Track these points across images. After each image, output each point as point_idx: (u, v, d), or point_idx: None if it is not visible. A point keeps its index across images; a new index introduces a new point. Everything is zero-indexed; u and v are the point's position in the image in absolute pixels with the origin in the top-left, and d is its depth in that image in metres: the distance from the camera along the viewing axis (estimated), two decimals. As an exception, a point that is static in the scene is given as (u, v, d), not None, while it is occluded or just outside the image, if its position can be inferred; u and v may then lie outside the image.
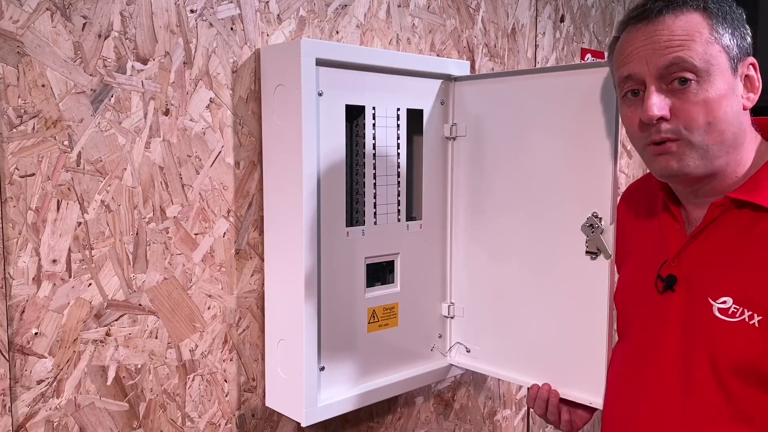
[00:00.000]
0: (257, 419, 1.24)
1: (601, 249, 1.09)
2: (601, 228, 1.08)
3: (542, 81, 1.17)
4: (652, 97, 0.85)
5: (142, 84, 1.04)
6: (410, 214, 1.31)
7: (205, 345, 1.15)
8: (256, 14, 1.16)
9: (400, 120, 1.25)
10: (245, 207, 1.18)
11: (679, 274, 0.93)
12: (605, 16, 1.94)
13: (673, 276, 0.94)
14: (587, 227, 1.10)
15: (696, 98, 0.84)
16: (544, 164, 1.17)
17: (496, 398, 1.74)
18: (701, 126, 0.85)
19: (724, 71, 0.85)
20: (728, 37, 0.86)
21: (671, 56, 0.85)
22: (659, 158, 0.88)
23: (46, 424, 0.99)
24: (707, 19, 0.85)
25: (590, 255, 1.10)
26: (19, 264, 0.95)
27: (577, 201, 1.12)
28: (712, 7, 0.86)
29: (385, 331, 1.26)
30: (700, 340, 0.89)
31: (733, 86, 0.86)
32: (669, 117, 0.85)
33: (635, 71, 0.88)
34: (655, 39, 0.86)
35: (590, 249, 1.10)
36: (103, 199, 1.02)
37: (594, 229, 1.09)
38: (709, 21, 0.85)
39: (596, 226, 1.09)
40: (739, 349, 0.85)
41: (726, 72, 0.85)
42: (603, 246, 1.08)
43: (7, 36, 0.91)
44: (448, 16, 1.48)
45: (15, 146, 0.93)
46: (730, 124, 0.85)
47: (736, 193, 0.88)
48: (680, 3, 0.86)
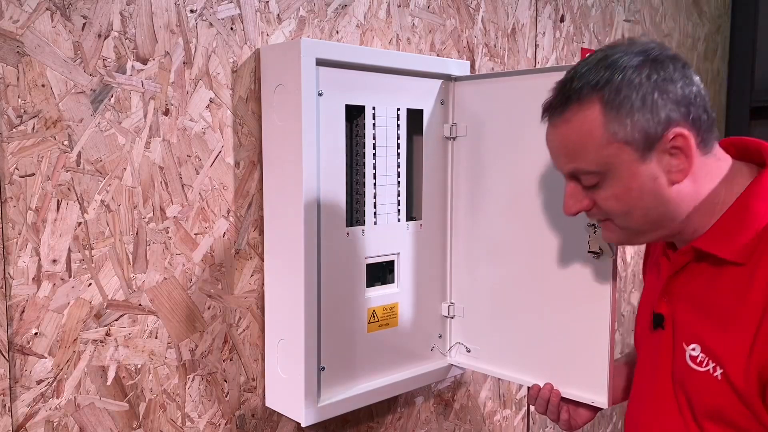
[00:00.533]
0: (257, 419, 1.24)
1: (603, 248, 1.09)
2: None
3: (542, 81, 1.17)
4: (566, 198, 0.88)
5: (142, 84, 1.04)
6: (410, 214, 1.31)
7: (205, 345, 1.15)
8: (256, 14, 1.16)
9: (400, 120, 1.25)
10: (245, 207, 1.18)
11: (665, 312, 0.92)
12: (605, 16, 1.94)
13: (660, 314, 0.93)
14: (589, 226, 1.10)
15: (606, 194, 0.84)
16: (545, 164, 1.17)
17: (496, 398, 1.74)
18: (619, 215, 0.85)
19: (629, 163, 0.81)
20: (629, 129, 0.79)
21: (569, 166, 0.85)
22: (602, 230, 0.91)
23: (46, 424, 0.99)
24: (602, 115, 0.80)
25: (593, 254, 1.10)
26: (19, 264, 0.95)
27: None
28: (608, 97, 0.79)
29: (385, 331, 1.26)
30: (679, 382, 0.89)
31: (646, 172, 0.81)
32: (590, 207, 0.87)
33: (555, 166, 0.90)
34: (554, 145, 0.86)
35: (593, 248, 1.10)
36: (103, 199, 1.02)
37: (597, 229, 1.09)
38: (604, 117, 0.79)
39: (598, 225, 1.09)
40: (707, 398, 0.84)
41: (633, 163, 0.80)
42: (605, 245, 1.09)
43: (7, 36, 0.91)
44: (448, 16, 1.48)
45: (15, 146, 0.93)
46: (651, 207, 0.83)
47: (699, 243, 0.85)
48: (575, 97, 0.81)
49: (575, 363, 1.14)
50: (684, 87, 0.79)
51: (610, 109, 0.79)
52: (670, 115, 0.79)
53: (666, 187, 0.82)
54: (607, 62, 0.80)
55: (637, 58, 0.79)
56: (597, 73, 0.80)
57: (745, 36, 2.58)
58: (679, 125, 0.79)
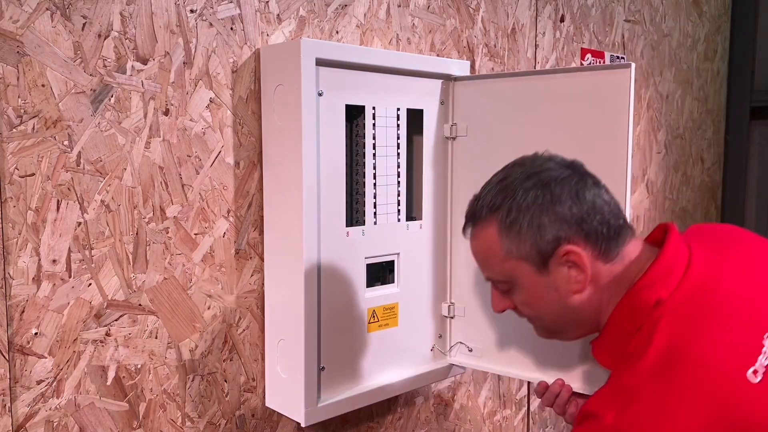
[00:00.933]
0: (257, 419, 1.24)
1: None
2: None
3: (542, 82, 1.18)
4: (492, 298, 0.96)
5: (142, 84, 1.04)
6: (410, 214, 1.31)
7: (205, 345, 1.15)
8: (256, 14, 1.16)
9: (400, 120, 1.25)
10: (245, 207, 1.18)
11: None
12: (605, 16, 1.94)
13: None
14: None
15: (517, 299, 0.92)
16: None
17: (496, 398, 1.74)
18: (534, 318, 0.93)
19: (528, 276, 0.88)
20: (524, 247, 0.86)
21: (484, 275, 0.94)
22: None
23: (46, 424, 0.99)
24: (498, 235, 0.87)
25: None
26: (19, 264, 0.95)
27: None
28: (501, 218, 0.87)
29: (385, 331, 1.26)
30: None
31: (548, 284, 0.87)
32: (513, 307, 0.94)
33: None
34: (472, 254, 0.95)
35: None
36: (103, 199, 1.02)
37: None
38: (500, 237, 0.87)
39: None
40: None
41: (532, 276, 0.87)
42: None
43: (7, 36, 0.91)
44: (448, 16, 1.48)
45: (15, 146, 0.93)
46: (557, 314, 0.89)
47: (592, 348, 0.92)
48: (478, 218, 0.90)
49: (580, 357, 1.14)
50: (573, 206, 0.85)
51: (504, 229, 0.87)
52: (559, 233, 0.85)
53: (568, 296, 0.87)
54: (503, 184, 0.89)
55: (529, 182, 0.87)
56: (494, 197, 0.89)
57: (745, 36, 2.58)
58: (571, 242, 0.85)
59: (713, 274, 0.83)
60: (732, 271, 0.84)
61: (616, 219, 0.86)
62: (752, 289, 0.82)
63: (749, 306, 0.80)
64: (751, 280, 0.83)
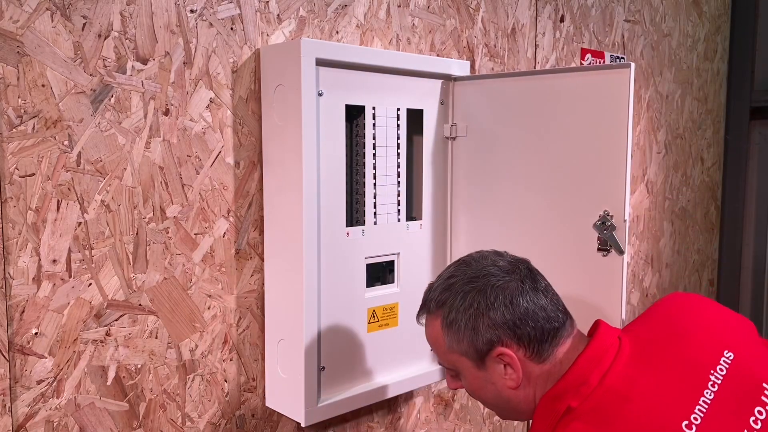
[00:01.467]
0: (257, 419, 1.24)
1: (613, 246, 1.09)
2: (613, 226, 1.09)
3: (542, 82, 1.18)
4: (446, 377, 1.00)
5: (142, 84, 1.04)
6: (410, 214, 1.31)
7: (205, 345, 1.15)
8: (256, 14, 1.16)
9: (400, 120, 1.25)
10: (245, 207, 1.18)
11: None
12: (605, 16, 1.94)
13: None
14: (599, 225, 1.10)
15: (464, 384, 0.97)
16: (545, 164, 1.17)
17: (496, 398, 1.74)
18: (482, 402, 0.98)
19: (469, 369, 0.93)
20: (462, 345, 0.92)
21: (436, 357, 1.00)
22: None
23: (46, 424, 0.99)
24: (442, 330, 0.94)
25: (602, 252, 1.11)
26: (19, 264, 0.95)
27: (581, 200, 1.12)
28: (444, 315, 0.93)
29: (385, 331, 1.26)
30: None
31: (486, 378, 0.93)
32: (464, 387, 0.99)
33: None
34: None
35: (602, 246, 1.11)
36: (103, 199, 1.02)
37: (606, 227, 1.09)
38: (443, 332, 0.94)
39: (608, 223, 1.10)
40: None
41: (471, 369, 0.93)
42: (615, 243, 1.09)
43: (7, 36, 0.91)
44: (448, 16, 1.48)
45: (15, 146, 0.93)
46: (499, 404, 0.95)
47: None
48: (428, 310, 0.97)
49: None
50: (506, 313, 0.90)
51: (446, 326, 0.93)
52: (492, 337, 0.90)
53: (504, 390, 0.93)
54: (448, 283, 0.95)
55: (469, 285, 0.92)
56: (441, 294, 0.95)
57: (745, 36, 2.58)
58: (504, 344, 0.90)
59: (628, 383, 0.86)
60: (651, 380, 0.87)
61: (550, 323, 0.91)
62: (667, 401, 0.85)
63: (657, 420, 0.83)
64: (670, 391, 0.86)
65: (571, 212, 1.15)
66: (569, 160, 1.14)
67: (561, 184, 1.16)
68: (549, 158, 1.17)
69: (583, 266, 1.14)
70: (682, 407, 0.83)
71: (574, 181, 1.13)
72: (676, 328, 0.95)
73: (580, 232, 1.13)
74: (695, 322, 0.96)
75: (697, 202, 2.51)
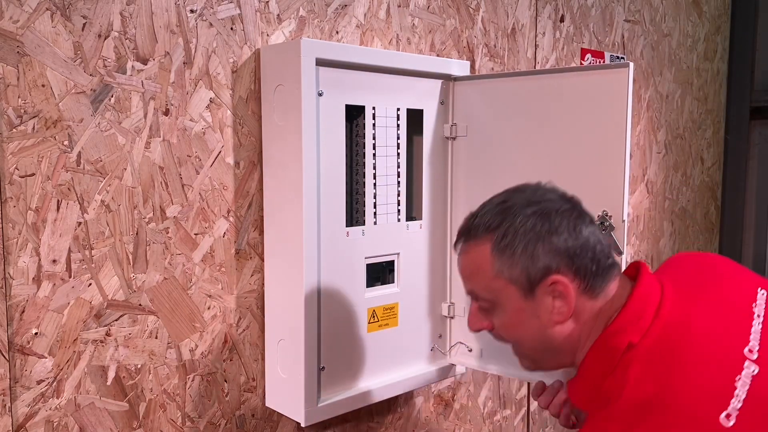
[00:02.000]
0: (257, 419, 1.24)
1: (612, 246, 1.09)
2: (612, 226, 1.09)
3: (542, 81, 1.18)
4: (469, 315, 0.95)
5: (142, 84, 1.04)
6: (410, 214, 1.31)
7: (205, 345, 1.15)
8: (256, 14, 1.16)
9: (400, 120, 1.25)
10: (245, 207, 1.18)
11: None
12: (605, 16, 1.94)
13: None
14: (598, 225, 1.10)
15: (498, 321, 0.91)
16: (545, 164, 1.17)
17: (496, 398, 1.74)
18: (512, 343, 0.93)
19: (514, 300, 0.88)
20: (514, 270, 0.87)
21: (467, 289, 0.94)
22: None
23: (46, 424, 0.99)
24: (491, 254, 0.88)
25: None
26: (19, 264, 0.95)
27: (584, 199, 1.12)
28: (497, 239, 0.88)
29: (385, 331, 1.26)
30: None
31: (531, 310, 0.88)
32: (491, 328, 0.93)
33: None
34: (459, 270, 0.95)
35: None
36: (103, 199, 1.02)
37: (605, 227, 1.09)
38: (493, 256, 0.88)
39: (607, 223, 1.09)
40: None
41: (517, 300, 0.88)
42: (614, 242, 1.09)
43: (7, 36, 0.91)
44: (448, 16, 1.48)
45: (15, 146, 0.93)
46: (538, 342, 0.89)
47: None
48: (472, 234, 0.91)
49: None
50: (568, 239, 0.86)
51: (498, 250, 0.88)
52: (551, 263, 0.86)
53: (548, 326, 0.88)
54: (504, 207, 0.89)
55: (530, 209, 0.87)
56: (493, 217, 0.89)
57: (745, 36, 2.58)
58: (560, 272, 0.86)
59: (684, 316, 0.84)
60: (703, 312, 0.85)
61: (605, 258, 0.89)
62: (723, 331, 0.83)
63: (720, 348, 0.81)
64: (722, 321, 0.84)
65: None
66: (568, 160, 1.14)
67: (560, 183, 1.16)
68: (548, 158, 1.17)
69: None
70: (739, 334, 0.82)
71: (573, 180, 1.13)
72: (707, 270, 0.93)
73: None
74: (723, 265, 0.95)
75: (697, 202, 2.51)
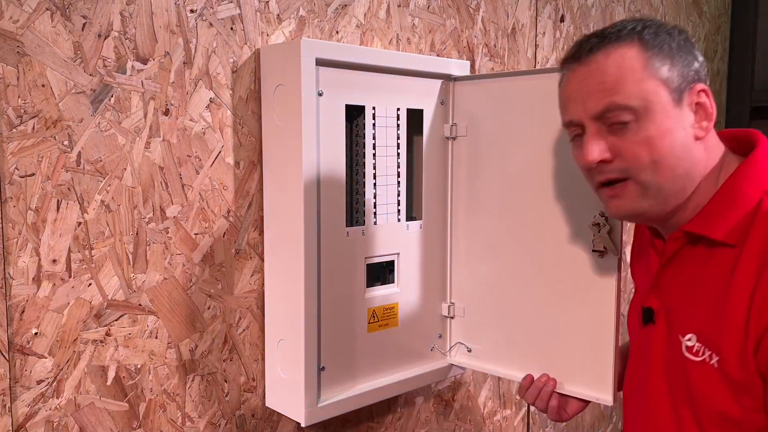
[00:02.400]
0: (257, 419, 1.23)
1: (608, 247, 1.09)
2: (608, 226, 1.09)
3: (542, 81, 1.17)
4: (589, 143, 0.83)
5: (142, 84, 1.04)
6: (410, 214, 1.31)
7: (205, 345, 1.15)
8: (256, 14, 1.16)
9: (400, 120, 1.25)
10: (245, 207, 1.18)
11: (657, 306, 0.91)
12: (605, 16, 1.94)
13: (649, 309, 0.91)
14: (594, 226, 1.10)
15: (637, 137, 0.81)
16: (545, 164, 1.17)
17: (496, 398, 1.74)
18: (647, 165, 0.81)
19: (664, 105, 0.81)
20: (666, 69, 0.81)
21: (605, 101, 0.82)
22: (610, 201, 0.86)
23: (46, 424, 0.99)
24: (642, 53, 0.81)
25: (597, 253, 1.11)
26: (19, 264, 0.95)
27: (581, 200, 1.12)
28: (647, 38, 0.82)
29: (385, 331, 1.26)
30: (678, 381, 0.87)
31: (678, 119, 0.81)
32: (612, 158, 0.83)
33: (574, 117, 0.86)
34: (588, 82, 0.83)
35: (597, 248, 1.10)
36: (103, 199, 1.02)
37: (601, 228, 1.09)
38: (644, 55, 0.81)
39: (602, 224, 1.09)
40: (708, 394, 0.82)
41: (667, 106, 0.81)
42: (610, 244, 1.09)
43: (7, 36, 0.91)
44: (448, 16, 1.48)
45: (15, 146, 0.93)
46: (680, 158, 0.82)
47: (689, 226, 0.85)
48: (612, 38, 0.82)
49: (579, 361, 1.14)
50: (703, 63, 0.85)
51: (650, 47, 0.81)
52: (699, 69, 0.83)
53: (692, 140, 0.82)
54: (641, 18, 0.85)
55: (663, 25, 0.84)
56: (635, 22, 0.83)
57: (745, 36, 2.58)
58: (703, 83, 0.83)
59: None
60: None
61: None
62: None
63: None
64: None
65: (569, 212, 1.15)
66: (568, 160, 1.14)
67: (560, 182, 1.16)
68: (547, 157, 1.17)
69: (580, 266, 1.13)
70: None
71: (572, 180, 1.13)
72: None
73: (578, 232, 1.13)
74: None
75: (697, 202, 2.51)
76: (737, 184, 0.83)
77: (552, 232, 1.17)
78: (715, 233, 0.82)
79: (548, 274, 1.18)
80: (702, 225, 0.84)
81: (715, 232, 0.82)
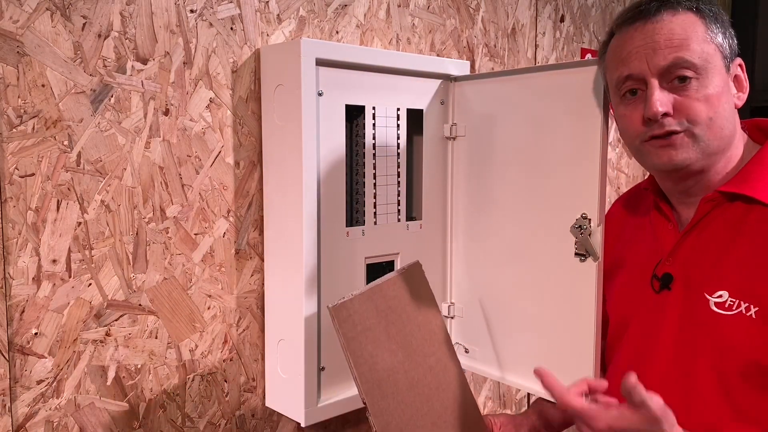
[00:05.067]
0: (257, 419, 1.23)
1: (589, 251, 1.08)
2: (589, 229, 1.08)
3: (542, 80, 1.17)
4: (656, 94, 0.87)
5: (142, 84, 1.04)
6: (410, 214, 1.31)
7: (205, 345, 1.15)
8: (256, 14, 1.16)
9: (400, 120, 1.25)
10: (245, 207, 1.18)
11: (675, 271, 0.94)
12: (605, 16, 1.94)
13: (668, 274, 0.95)
14: (576, 228, 1.10)
15: (697, 95, 0.87)
16: (543, 164, 1.17)
17: (496, 398, 1.74)
18: (704, 120, 0.87)
19: (719, 69, 0.88)
20: (721, 36, 0.89)
21: (672, 56, 0.87)
22: (662, 150, 0.90)
23: (46, 424, 0.99)
24: (701, 19, 0.88)
25: (579, 257, 1.10)
26: (19, 264, 0.95)
27: (569, 202, 1.11)
28: (703, 8, 0.89)
29: (385, 331, 1.26)
30: (699, 338, 0.89)
31: (727, 85, 0.90)
32: (672, 113, 0.88)
33: (636, 71, 0.90)
34: (654, 38, 0.88)
35: (579, 251, 1.10)
36: (103, 199, 1.02)
37: (582, 231, 1.08)
38: (703, 20, 0.88)
39: (585, 227, 1.09)
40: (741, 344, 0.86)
41: (721, 70, 0.89)
42: (591, 248, 1.08)
43: (7, 36, 0.91)
44: (448, 16, 1.48)
45: (15, 146, 0.93)
46: (728, 120, 0.89)
47: (727, 187, 0.91)
48: (675, 3, 0.89)
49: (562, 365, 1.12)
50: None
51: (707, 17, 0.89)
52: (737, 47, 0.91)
53: (733, 107, 0.91)
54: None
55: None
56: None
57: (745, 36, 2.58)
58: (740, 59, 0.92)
59: None
60: None
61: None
62: None
63: None
64: None
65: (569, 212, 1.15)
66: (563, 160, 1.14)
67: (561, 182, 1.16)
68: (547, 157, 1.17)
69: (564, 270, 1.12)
70: None
71: (562, 181, 1.13)
72: None
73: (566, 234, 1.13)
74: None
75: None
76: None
77: (545, 234, 1.17)
78: (756, 192, 0.89)
79: (539, 275, 1.18)
80: (742, 185, 0.90)
81: (756, 191, 0.89)
